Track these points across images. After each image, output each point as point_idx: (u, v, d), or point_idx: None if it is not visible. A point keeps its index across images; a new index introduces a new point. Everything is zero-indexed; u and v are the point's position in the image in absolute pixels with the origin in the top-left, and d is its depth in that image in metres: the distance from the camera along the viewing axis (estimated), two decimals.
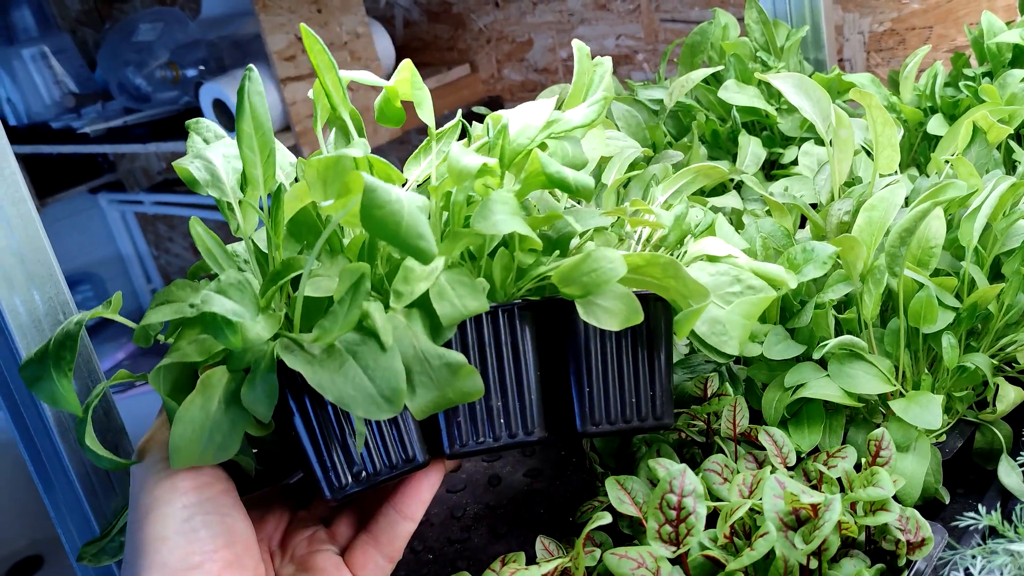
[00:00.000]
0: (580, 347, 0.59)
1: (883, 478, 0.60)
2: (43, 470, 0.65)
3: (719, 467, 0.67)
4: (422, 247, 0.45)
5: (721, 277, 0.63)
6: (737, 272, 0.63)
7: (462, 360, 0.51)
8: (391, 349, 0.49)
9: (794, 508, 0.57)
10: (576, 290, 0.55)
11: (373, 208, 0.44)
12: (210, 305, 0.48)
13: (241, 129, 0.53)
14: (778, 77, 0.85)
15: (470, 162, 0.53)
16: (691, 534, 0.56)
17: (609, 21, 1.96)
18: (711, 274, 0.63)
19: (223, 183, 0.56)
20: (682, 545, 0.56)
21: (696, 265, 0.64)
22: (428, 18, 2.26)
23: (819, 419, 0.73)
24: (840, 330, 0.75)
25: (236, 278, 0.51)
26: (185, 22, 2.22)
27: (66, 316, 0.62)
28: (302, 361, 0.49)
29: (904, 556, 0.60)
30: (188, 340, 0.52)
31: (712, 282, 0.63)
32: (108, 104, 2.34)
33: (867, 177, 0.90)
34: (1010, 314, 0.75)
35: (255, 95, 0.54)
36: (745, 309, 0.61)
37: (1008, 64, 1.10)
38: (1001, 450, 0.74)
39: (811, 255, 0.70)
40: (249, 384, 0.50)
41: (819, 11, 1.35)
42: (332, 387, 0.48)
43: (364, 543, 0.59)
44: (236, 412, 0.50)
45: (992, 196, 0.72)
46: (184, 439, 0.49)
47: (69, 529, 0.67)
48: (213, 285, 0.50)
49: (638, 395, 0.61)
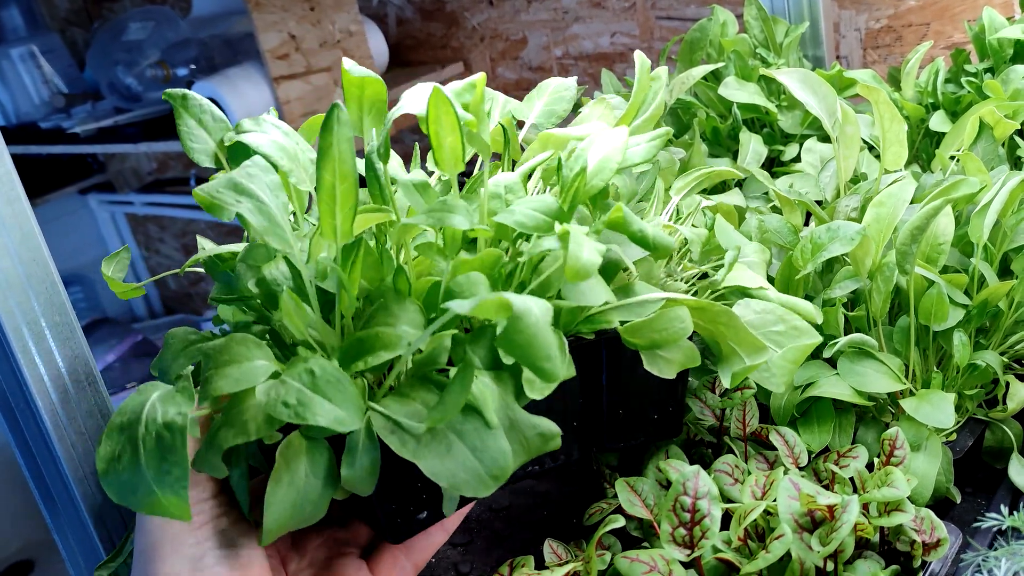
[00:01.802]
0: (619, 379, 0.61)
1: (898, 478, 0.59)
2: (43, 484, 0.64)
3: (730, 468, 0.66)
4: (548, 369, 0.44)
5: (766, 316, 0.64)
6: (781, 312, 0.64)
7: (555, 430, 0.50)
8: (496, 428, 0.47)
9: (809, 509, 0.56)
10: (643, 342, 0.57)
11: (515, 334, 0.44)
12: (313, 415, 0.44)
13: (323, 178, 0.49)
14: (783, 73, 0.84)
15: (590, 259, 0.50)
16: (706, 536, 0.55)
17: (604, 19, 1.95)
18: (756, 312, 0.64)
19: (283, 231, 0.51)
20: (697, 548, 0.55)
21: (741, 303, 0.64)
22: (421, 16, 2.24)
23: (829, 418, 0.72)
24: (849, 328, 0.74)
25: (330, 373, 0.46)
26: (176, 21, 2.20)
27: (63, 318, 0.60)
28: (411, 448, 0.46)
29: (919, 557, 0.59)
30: (252, 415, 0.47)
31: (757, 320, 0.64)
32: (98, 104, 2.32)
33: (872, 173, 0.89)
34: (1020, 311, 0.74)
35: (344, 141, 0.50)
36: (794, 355, 0.63)
37: (1010, 60, 1.09)
38: (1012, 448, 0.73)
39: (836, 233, 0.70)
40: (348, 464, 0.47)
41: (817, 8, 1.34)
42: (444, 473, 0.46)
43: (394, 549, 0.57)
44: (326, 484, 0.47)
45: (1002, 192, 0.71)
46: (278, 522, 0.46)
47: (69, 543, 0.66)
48: (305, 379, 0.46)
49: (660, 412, 0.65)
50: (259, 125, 0.59)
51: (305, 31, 1.83)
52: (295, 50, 1.81)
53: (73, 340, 0.61)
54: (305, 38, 1.83)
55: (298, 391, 0.45)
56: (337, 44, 1.90)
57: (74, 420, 0.62)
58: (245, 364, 0.47)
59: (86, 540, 0.66)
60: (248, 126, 0.59)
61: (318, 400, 0.45)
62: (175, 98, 0.60)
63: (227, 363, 0.47)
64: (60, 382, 0.60)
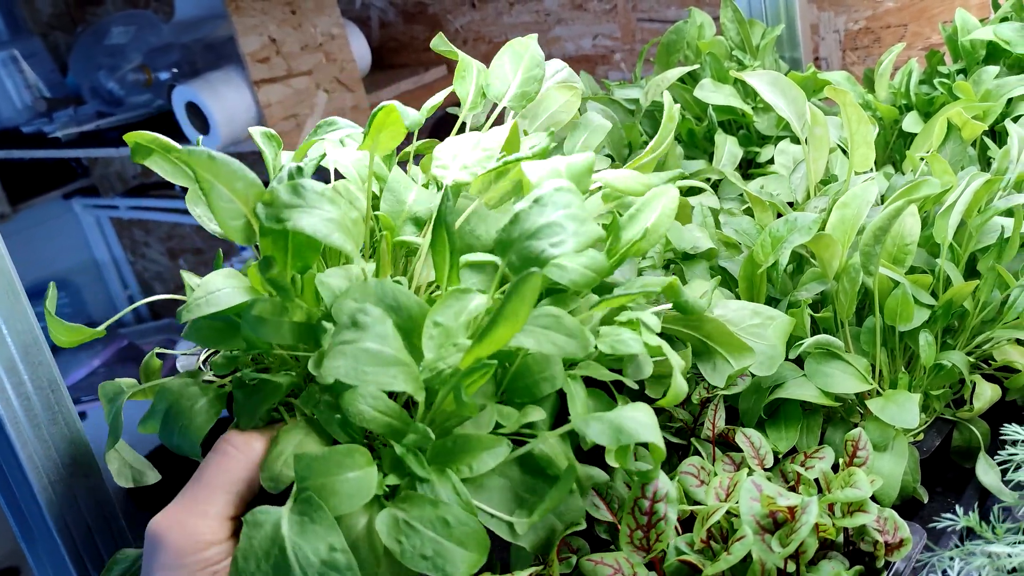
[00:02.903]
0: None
1: (860, 479, 0.59)
2: (8, 491, 0.64)
3: (696, 469, 0.66)
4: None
5: (741, 311, 0.67)
6: (753, 306, 0.68)
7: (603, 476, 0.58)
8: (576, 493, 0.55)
9: (771, 511, 0.56)
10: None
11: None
12: (455, 568, 0.45)
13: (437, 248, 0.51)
14: (753, 75, 0.84)
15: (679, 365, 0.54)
16: (660, 540, 0.55)
17: (586, 21, 1.95)
18: (733, 310, 0.67)
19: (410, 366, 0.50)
20: (652, 550, 0.55)
21: (719, 305, 0.67)
22: (404, 19, 2.24)
23: (796, 419, 0.72)
24: (816, 329, 0.74)
25: (463, 520, 0.47)
26: (158, 25, 2.19)
27: (24, 325, 0.60)
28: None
29: (883, 557, 0.60)
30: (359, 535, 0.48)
31: (735, 317, 0.66)
32: (80, 108, 2.31)
33: (843, 175, 0.90)
34: (986, 311, 0.75)
35: (450, 214, 0.50)
36: (777, 335, 0.66)
37: (982, 61, 1.10)
38: (979, 448, 0.74)
39: (794, 225, 0.71)
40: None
41: (794, 10, 1.35)
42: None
43: None
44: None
45: (966, 193, 0.72)
46: None
47: (37, 552, 0.66)
48: (440, 529, 0.46)
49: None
50: (299, 196, 0.48)
51: (286, 34, 1.83)
52: (276, 53, 1.80)
53: (36, 348, 0.61)
54: (286, 41, 1.83)
55: (434, 542, 0.46)
56: (319, 47, 1.90)
57: (37, 428, 0.62)
58: (351, 475, 0.46)
59: (54, 550, 0.66)
60: (285, 197, 0.48)
61: (458, 551, 0.46)
62: (200, 161, 0.48)
63: (334, 474, 0.46)
64: (22, 389, 0.60)
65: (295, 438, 0.51)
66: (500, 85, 0.69)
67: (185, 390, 0.53)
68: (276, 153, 0.65)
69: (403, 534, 0.46)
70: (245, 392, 0.53)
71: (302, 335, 0.50)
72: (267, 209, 0.46)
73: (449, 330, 0.48)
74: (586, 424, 0.48)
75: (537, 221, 0.48)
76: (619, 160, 1.06)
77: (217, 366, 0.56)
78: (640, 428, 0.48)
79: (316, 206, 0.47)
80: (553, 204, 0.48)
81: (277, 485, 0.49)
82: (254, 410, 0.52)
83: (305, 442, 0.50)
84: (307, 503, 0.45)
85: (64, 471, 0.64)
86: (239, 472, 0.51)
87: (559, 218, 0.48)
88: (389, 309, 0.48)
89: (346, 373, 0.44)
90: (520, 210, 0.49)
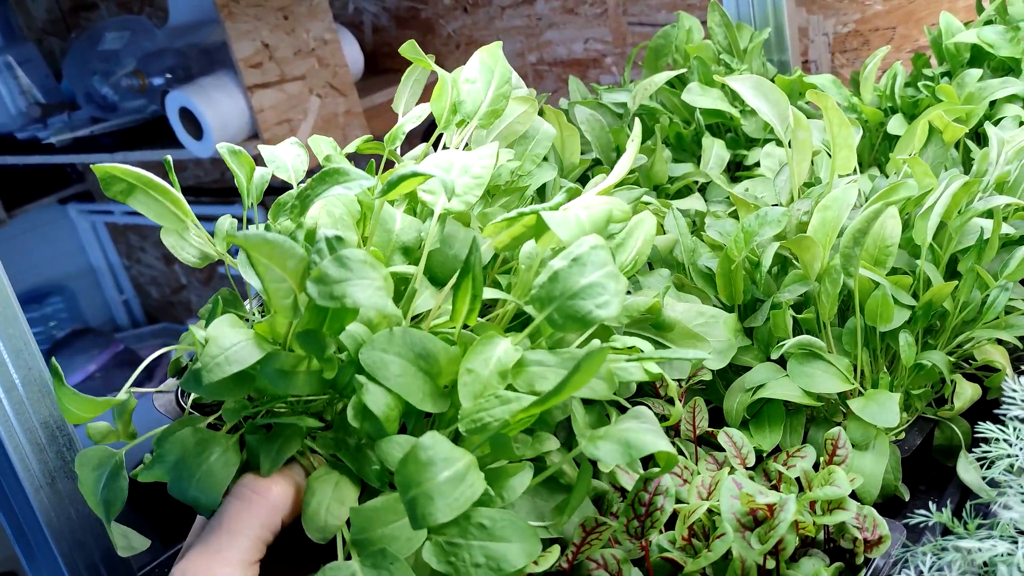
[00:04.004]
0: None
1: (839, 477, 0.60)
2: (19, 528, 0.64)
3: (679, 468, 0.67)
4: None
5: (688, 312, 0.71)
6: (698, 307, 0.72)
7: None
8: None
9: (751, 508, 0.57)
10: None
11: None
12: (510, 564, 0.47)
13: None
14: (737, 79, 0.85)
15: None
16: (654, 526, 0.57)
17: (577, 25, 1.97)
18: (680, 312, 0.70)
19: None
20: (646, 536, 0.57)
21: (668, 306, 0.70)
22: (396, 24, 2.25)
23: (779, 419, 0.73)
24: (799, 330, 0.75)
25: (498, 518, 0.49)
26: (152, 30, 2.20)
27: (15, 329, 0.61)
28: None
29: (862, 554, 0.61)
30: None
31: (683, 317, 0.70)
32: (75, 114, 2.32)
33: (827, 178, 0.91)
34: (966, 311, 0.76)
35: (478, 264, 0.52)
36: (726, 332, 0.71)
37: (966, 64, 1.11)
38: (960, 446, 0.75)
39: (764, 218, 0.74)
40: None
41: (782, 13, 1.36)
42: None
43: None
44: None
45: (945, 195, 0.73)
46: None
47: (32, 554, 0.66)
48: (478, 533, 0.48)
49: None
50: (347, 268, 0.47)
51: (279, 40, 1.84)
52: (269, 59, 1.81)
53: (28, 352, 0.62)
54: (279, 47, 1.84)
55: (481, 548, 0.47)
56: (312, 52, 1.91)
57: (30, 432, 0.62)
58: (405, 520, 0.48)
59: (48, 554, 0.66)
60: (334, 272, 0.47)
61: (506, 547, 0.47)
62: (255, 244, 0.46)
63: (391, 521, 0.48)
64: (14, 394, 0.61)
65: (329, 485, 0.52)
66: (471, 105, 0.70)
67: (195, 439, 0.52)
68: (249, 174, 0.65)
69: (450, 555, 0.47)
70: (263, 437, 0.53)
71: (320, 384, 0.51)
72: (319, 287, 0.46)
73: (480, 377, 0.50)
74: (596, 448, 0.49)
75: (579, 281, 0.50)
76: (607, 164, 1.07)
77: (228, 412, 0.55)
78: (648, 440, 0.49)
79: (364, 276, 0.47)
80: (592, 264, 0.50)
81: (325, 535, 0.50)
82: (278, 455, 0.52)
83: (341, 488, 0.51)
84: (382, 556, 0.47)
85: (58, 476, 0.65)
86: (261, 518, 0.51)
87: (600, 278, 0.50)
88: (417, 357, 0.49)
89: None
90: (559, 268, 0.50)
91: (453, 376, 0.51)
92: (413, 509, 0.44)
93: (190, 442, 0.52)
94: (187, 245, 0.64)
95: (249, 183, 0.66)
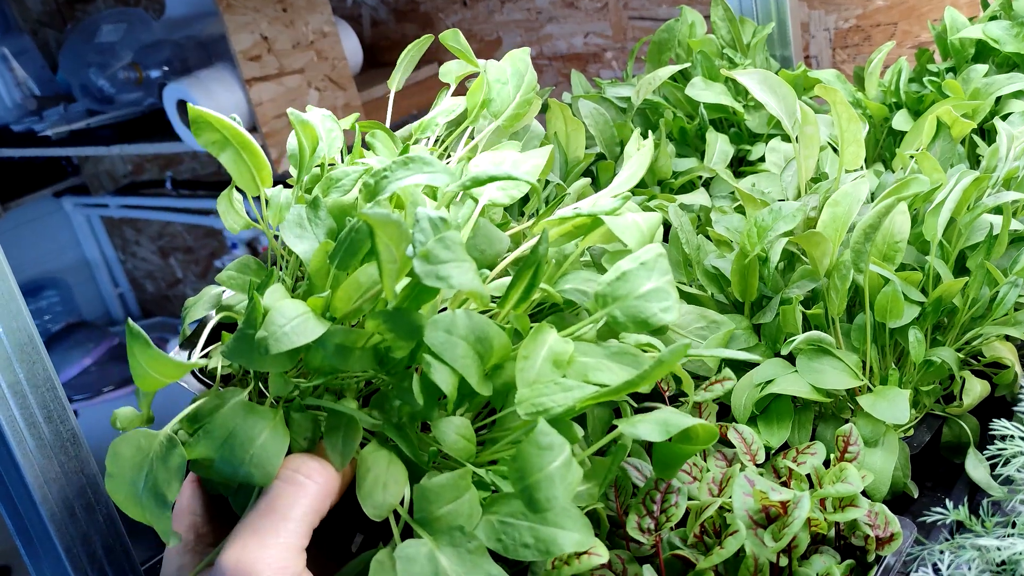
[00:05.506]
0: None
1: (851, 474, 0.60)
2: (4, 490, 0.64)
3: (688, 466, 0.66)
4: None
5: (688, 316, 0.71)
6: (700, 311, 0.72)
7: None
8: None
9: (764, 506, 0.57)
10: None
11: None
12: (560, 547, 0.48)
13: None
14: (744, 73, 0.85)
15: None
16: (669, 520, 0.57)
17: (577, 19, 1.96)
18: (683, 314, 0.70)
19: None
20: (660, 530, 0.57)
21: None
22: (395, 17, 2.24)
23: (788, 415, 0.73)
24: (808, 326, 0.75)
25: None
26: (148, 22, 2.19)
27: (19, 323, 0.60)
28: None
29: (873, 551, 0.60)
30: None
31: (683, 320, 0.70)
32: (71, 106, 2.30)
33: (833, 173, 0.90)
34: (975, 308, 0.75)
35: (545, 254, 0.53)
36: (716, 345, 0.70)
37: (971, 59, 1.11)
38: (968, 443, 0.74)
39: (778, 213, 0.73)
40: None
41: (785, 8, 1.35)
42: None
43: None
44: None
45: (955, 191, 0.72)
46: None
47: (34, 547, 0.66)
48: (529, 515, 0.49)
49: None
50: (450, 250, 0.48)
51: (278, 32, 1.83)
52: (267, 51, 1.80)
53: (31, 346, 0.61)
54: (278, 39, 1.82)
55: (531, 530, 0.49)
56: (310, 45, 1.90)
57: (33, 427, 0.62)
58: (466, 497, 0.50)
59: (51, 548, 0.66)
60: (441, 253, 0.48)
61: (556, 532, 0.48)
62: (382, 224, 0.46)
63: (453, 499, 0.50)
64: (18, 388, 0.60)
65: (380, 462, 0.52)
66: (500, 104, 0.73)
67: (244, 415, 0.51)
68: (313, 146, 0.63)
69: (502, 533, 0.49)
70: (327, 426, 0.53)
71: (372, 361, 0.51)
72: (425, 266, 0.46)
73: (535, 365, 0.51)
74: (634, 427, 0.50)
75: (645, 284, 0.53)
76: (611, 158, 1.07)
77: (276, 386, 0.54)
78: (681, 419, 0.50)
79: (463, 259, 0.47)
80: (658, 270, 0.53)
81: (381, 513, 0.50)
82: (346, 448, 0.52)
83: (393, 466, 0.52)
84: (459, 533, 0.48)
85: (60, 469, 0.64)
86: (313, 502, 0.50)
87: (663, 284, 0.53)
88: (477, 340, 0.50)
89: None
90: (628, 269, 0.53)
91: (499, 361, 0.51)
92: (534, 493, 0.45)
93: (240, 418, 0.51)
94: (234, 214, 0.64)
95: (312, 156, 0.63)
